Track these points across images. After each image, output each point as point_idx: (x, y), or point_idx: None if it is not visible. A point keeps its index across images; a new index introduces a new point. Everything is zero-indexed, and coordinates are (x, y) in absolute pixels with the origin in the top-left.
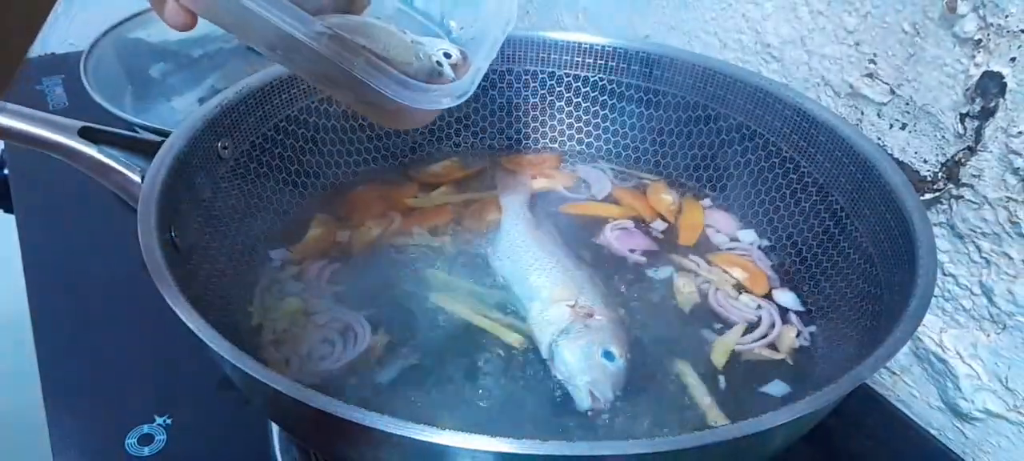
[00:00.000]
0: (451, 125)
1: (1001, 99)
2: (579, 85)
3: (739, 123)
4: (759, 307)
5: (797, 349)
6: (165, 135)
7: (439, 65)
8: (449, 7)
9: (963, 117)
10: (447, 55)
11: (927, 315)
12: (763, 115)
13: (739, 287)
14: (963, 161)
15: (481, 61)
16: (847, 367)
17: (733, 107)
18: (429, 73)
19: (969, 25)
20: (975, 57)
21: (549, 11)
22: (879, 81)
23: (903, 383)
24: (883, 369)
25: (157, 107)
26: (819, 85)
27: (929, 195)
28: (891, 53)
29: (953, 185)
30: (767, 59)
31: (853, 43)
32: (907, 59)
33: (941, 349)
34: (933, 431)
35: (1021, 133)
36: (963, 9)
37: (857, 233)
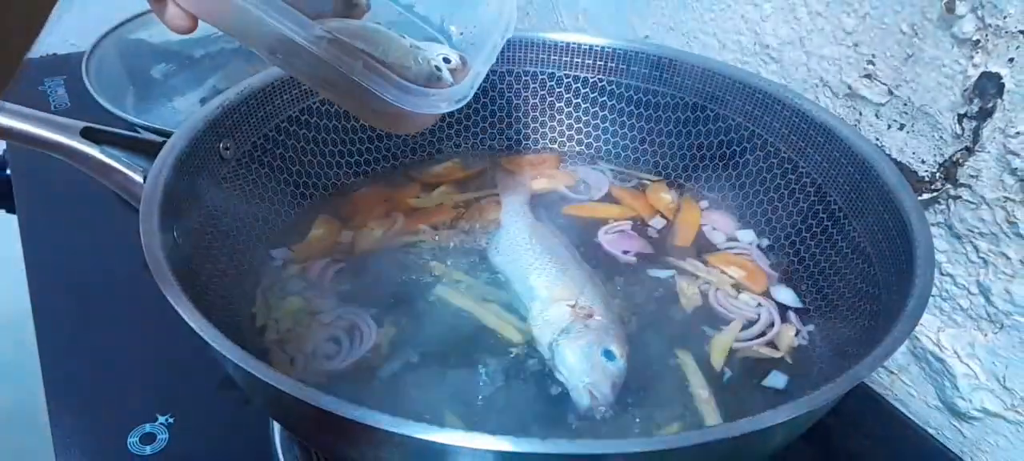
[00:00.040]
0: (452, 126)
1: (999, 100)
2: (579, 86)
3: (738, 124)
4: (759, 305)
5: (796, 348)
6: (167, 135)
7: (438, 70)
8: (449, 12)
9: (961, 118)
10: (446, 60)
11: (925, 315)
12: (762, 116)
13: (738, 286)
14: (961, 161)
15: (480, 66)
16: (845, 366)
17: (732, 108)
18: (428, 77)
19: (967, 26)
20: (973, 58)
21: (549, 12)
22: (877, 82)
23: (901, 382)
24: (881, 368)
25: (159, 108)
26: (818, 86)
27: (927, 195)
28: (889, 54)
29: (951, 185)
30: (766, 60)
31: (851, 44)
32: (905, 60)
33: (939, 348)
34: (931, 430)
35: (1019, 133)
36: (961, 10)
37: (855, 233)
